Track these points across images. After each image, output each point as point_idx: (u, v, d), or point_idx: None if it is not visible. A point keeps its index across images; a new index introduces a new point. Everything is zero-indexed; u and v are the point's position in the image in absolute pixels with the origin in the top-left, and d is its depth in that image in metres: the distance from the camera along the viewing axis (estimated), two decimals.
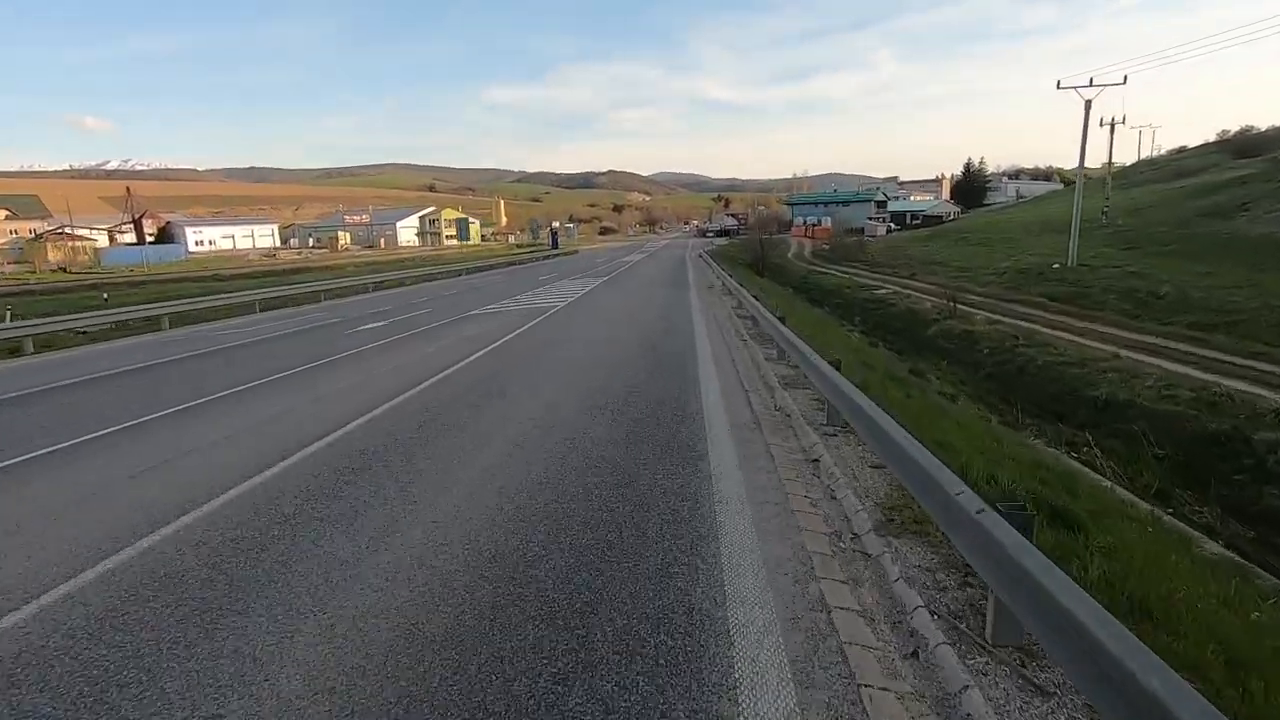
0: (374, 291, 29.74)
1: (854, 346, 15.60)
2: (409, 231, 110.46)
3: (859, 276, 42.54)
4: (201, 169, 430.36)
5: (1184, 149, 78.74)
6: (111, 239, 78.41)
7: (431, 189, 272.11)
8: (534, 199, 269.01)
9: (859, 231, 69.78)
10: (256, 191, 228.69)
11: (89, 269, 57.74)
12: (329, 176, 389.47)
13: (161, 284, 39.66)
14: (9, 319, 17.63)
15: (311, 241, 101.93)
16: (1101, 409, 14.37)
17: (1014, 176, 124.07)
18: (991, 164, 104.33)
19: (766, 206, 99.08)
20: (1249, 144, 61.22)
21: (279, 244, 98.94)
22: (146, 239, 78.22)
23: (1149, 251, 32.34)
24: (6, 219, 77.16)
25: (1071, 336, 21.10)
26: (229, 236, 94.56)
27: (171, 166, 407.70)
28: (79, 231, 71.92)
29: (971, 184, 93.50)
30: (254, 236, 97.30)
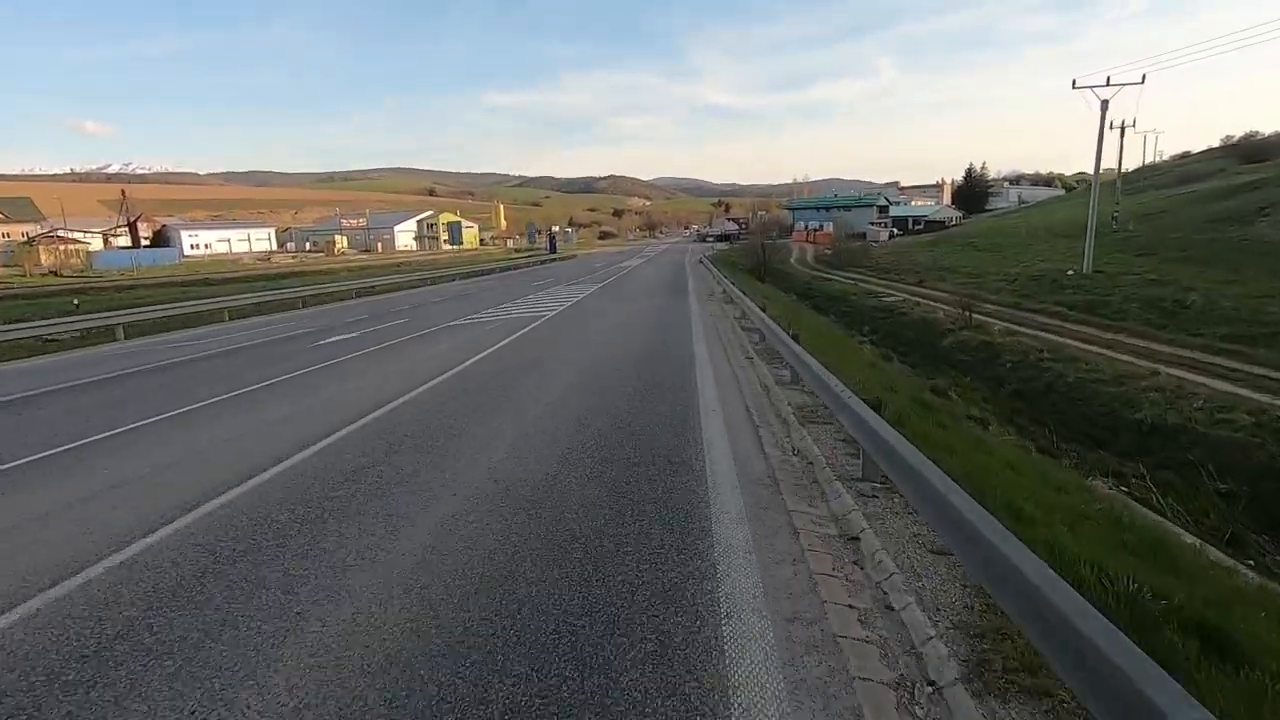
0: (357, 299, 28.33)
1: (871, 362, 14.17)
2: (406, 235, 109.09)
3: (864, 283, 41.14)
4: (202, 173, 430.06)
5: (1188, 154, 77.52)
6: (106, 242, 77.10)
7: (431, 193, 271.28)
8: (534, 203, 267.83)
9: (861, 236, 68.48)
10: (257, 195, 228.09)
11: (80, 272, 56.64)
12: (330, 180, 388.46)
13: (149, 288, 38.47)
14: None
15: (308, 245, 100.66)
16: (1147, 434, 12.92)
17: (1014, 182, 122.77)
18: (992, 169, 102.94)
19: (767, 211, 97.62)
20: (1255, 149, 59.90)
21: (275, 248, 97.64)
22: (142, 242, 77.06)
23: (1165, 258, 30.91)
24: None
25: (1099, 349, 19.66)
26: (225, 240, 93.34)
27: (172, 170, 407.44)
28: (73, 235, 70.61)
29: (973, 189, 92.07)
30: (250, 240, 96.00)
